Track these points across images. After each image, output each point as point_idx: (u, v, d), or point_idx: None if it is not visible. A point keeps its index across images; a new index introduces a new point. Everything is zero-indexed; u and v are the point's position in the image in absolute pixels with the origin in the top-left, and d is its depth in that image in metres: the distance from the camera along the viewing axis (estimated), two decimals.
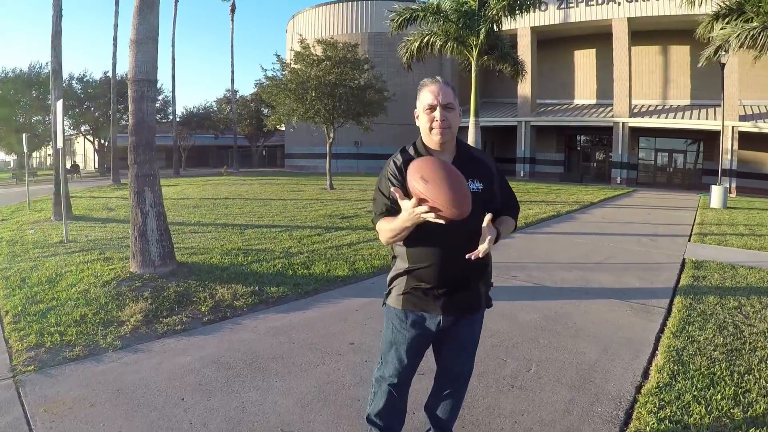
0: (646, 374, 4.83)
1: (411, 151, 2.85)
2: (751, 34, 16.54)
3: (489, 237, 2.56)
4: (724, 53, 19.75)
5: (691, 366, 4.86)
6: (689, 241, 12.63)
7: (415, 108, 2.90)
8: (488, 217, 2.59)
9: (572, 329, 5.97)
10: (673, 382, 4.52)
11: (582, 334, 5.83)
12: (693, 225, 15.78)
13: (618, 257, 10.42)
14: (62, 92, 15.55)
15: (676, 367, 4.82)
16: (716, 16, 18.83)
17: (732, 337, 5.65)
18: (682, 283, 8.21)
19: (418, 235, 2.66)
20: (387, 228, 2.69)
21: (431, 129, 2.74)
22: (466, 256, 2.57)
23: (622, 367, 4.95)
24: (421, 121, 2.79)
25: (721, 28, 18.13)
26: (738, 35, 17.00)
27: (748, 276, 8.73)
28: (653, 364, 5.03)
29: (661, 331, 6.00)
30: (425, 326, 2.89)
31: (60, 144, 11.77)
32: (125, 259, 8.72)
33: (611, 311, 6.71)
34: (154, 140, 8.23)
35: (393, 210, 2.71)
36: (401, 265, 2.89)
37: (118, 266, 8.32)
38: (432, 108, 2.72)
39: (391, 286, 2.98)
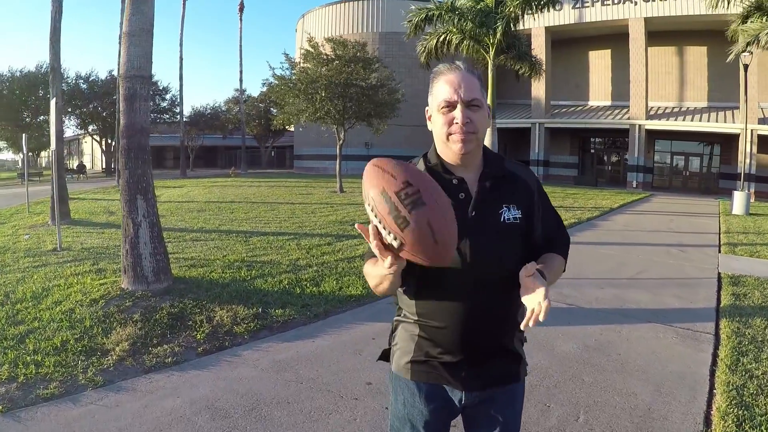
0: (707, 420, 4.19)
1: (420, 165, 2.07)
2: None
3: (540, 291, 1.73)
4: (747, 54, 19.06)
5: (756, 409, 4.24)
6: (720, 252, 12.07)
7: (427, 106, 2.08)
8: (531, 266, 1.79)
9: (617, 362, 5.26)
10: None
11: (629, 368, 5.13)
12: (719, 233, 15.23)
13: (650, 271, 9.73)
14: (60, 90, 15.01)
15: (740, 412, 4.20)
16: (746, 15, 18.04)
17: None
18: (724, 302, 7.61)
19: (425, 282, 1.92)
20: (370, 274, 1.91)
21: (449, 135, 1.95)
22: (522, 326, 1.76)
23: (680, 411, 4.28)
24: (435, 123, 2.00)
25: (750, 23, 17.34)
26: None
27: None
28: (714, 407, 4.38)
29: (714, 363, 5.37)
30: (446, 398, 2.07)
31: (53, 146, 11.13)
32: (119, 271, 7.99)
33: (656, 338, 6.02)
34: (147, 143, 7.42)
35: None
36: (409, 314, 2.08)
37: (110, 280, 7.62)
38: (450, 106, 1.94)
39: (394, 343, 2.15)
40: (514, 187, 2.05)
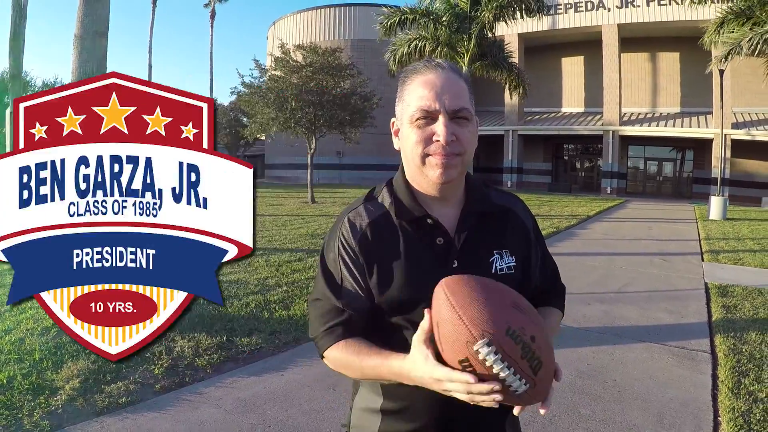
0: None
1: (384, 198, 1.59)
2: (764, 38, 15.70)
3: None
4: (723, 60, 19.02)
5: None
6: (703, 260, 11.94)
7: (394, 117, 1.62)
8: None
9: (614, 390, 4.89)
10: None
11: (627, 396, 4.76)
12: (700, 240, 15.17)
13: (636, 283, 9.45)
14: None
15: None
16: (722, 22, 17.93)
17: None
18: (715, 316, 7.38)
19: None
20: (355, 367, 1.47)
21: (425, 157, 1.47)
22: (515, 411, 1.31)
23: None
24: (406, 140, 1.51)
25: (730, 32, 17.25)
26: (750, 39, 16.17)
27: None
28: None
29: (715, 386, 5.08)
30: None
31: None
32: None
33: (651, 360, 5.68)
34: None
35: (352, 317, 1.51)
36: (371, 399, 1.61)
37: None
38: (429, 116, 1.44)
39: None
40: (504, 226, 1.61)
